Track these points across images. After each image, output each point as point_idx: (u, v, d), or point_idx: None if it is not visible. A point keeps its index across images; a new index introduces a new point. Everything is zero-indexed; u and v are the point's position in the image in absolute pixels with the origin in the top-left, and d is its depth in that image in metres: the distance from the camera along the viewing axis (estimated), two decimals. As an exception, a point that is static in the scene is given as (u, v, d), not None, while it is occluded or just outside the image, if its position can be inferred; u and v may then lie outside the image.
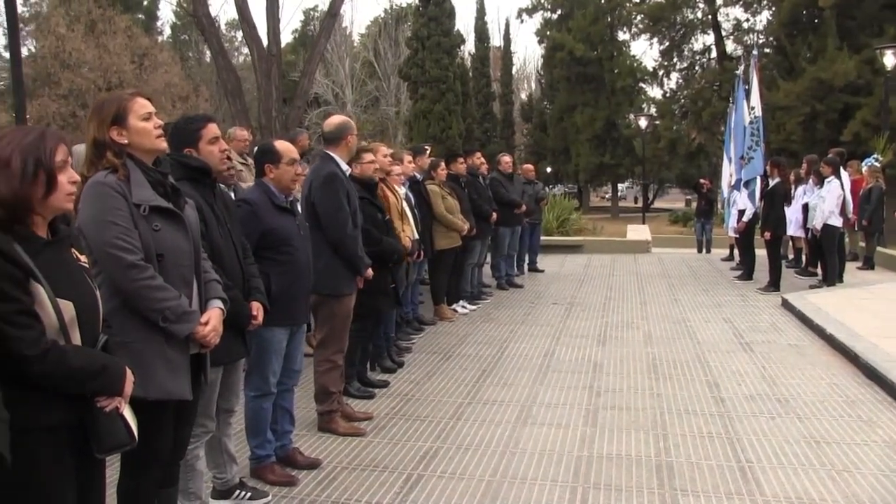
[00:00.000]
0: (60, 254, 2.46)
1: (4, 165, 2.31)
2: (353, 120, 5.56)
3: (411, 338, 7.99)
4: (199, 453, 3.72)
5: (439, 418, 5.61)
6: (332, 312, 5.12)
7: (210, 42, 16.51)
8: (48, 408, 2.35)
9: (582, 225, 21.23)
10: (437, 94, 38.59)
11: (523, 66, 64.30)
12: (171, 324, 2.94)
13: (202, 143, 3.67)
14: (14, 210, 2.31)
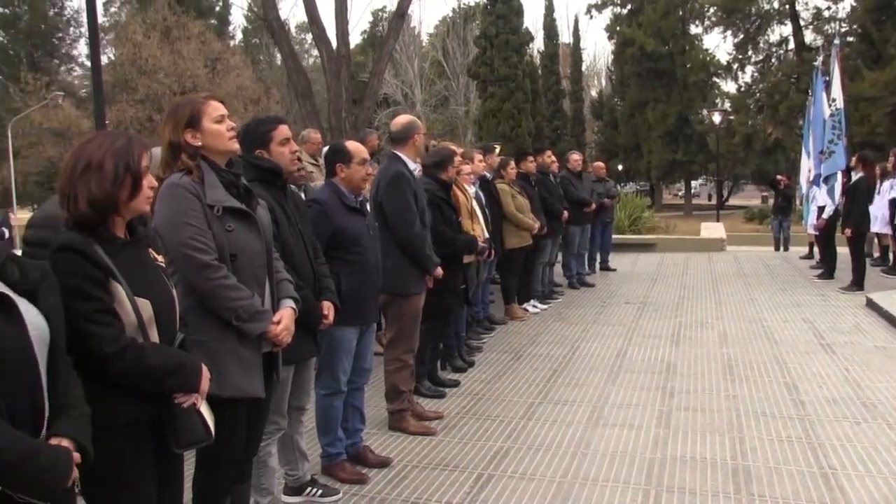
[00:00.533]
0: (139, 254, 2.53)
1: (98, 168, 2.39)
2: (422, 120, 5.58)
3: (482, 337, 7.96)
4: (271, 450, 3.77)
5: (510, 418, 5.58)
6: (401, 312, 5.14)
7: (280, 45, 16.75)
8: (128, 404, 2.41)
9: (654, 223, 20.92)
10: (507, 92, 38.49)
11: (593, 62, 63.77)
12: (243, 323, 2.98)
13: (273, 145, 3.70)
14: (102, 211, 2.40)
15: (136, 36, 34.12)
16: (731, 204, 48.96)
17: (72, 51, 46.21)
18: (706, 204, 52.23)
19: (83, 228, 2.39)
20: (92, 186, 2.38)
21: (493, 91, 38.80)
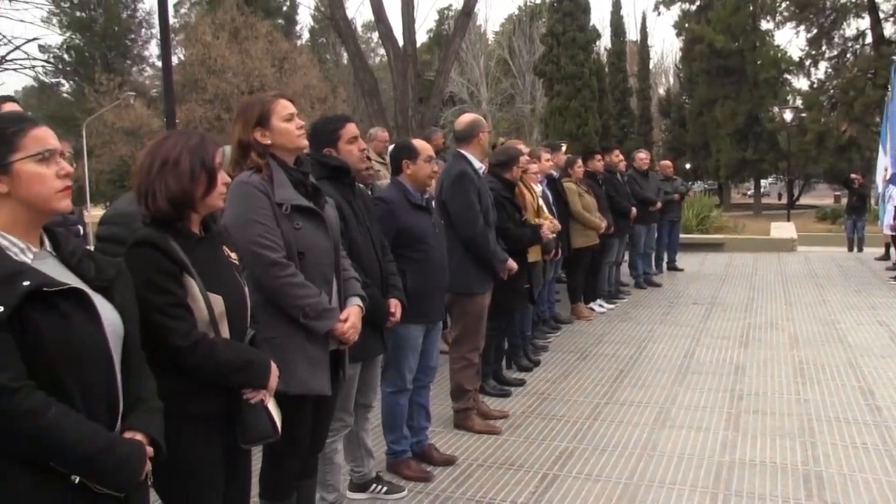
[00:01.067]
0: (213, 250, 2.56)
1: (174, 164, 2.44)
2: (487, 118, 5.56)
3: (548, 336, 7.90)
4: (337, 447, 3.79)
5: (576, 418, 5.52)
6: (465, 311, 5.12)
7: (347, 44, 16.90)
8: (198, 398, 2.44)
9: (722, 223, 20.51)
10: (573, 90, 38.19)
11: (660, 60, 62.77)
12: (311, 320, 3.00)
13: (341, 143, 3.73)
14: (179, 207, 2.44)
15: (205, 36, 34.78)
16: (802, 203, 47.72)
17: (143, 52, 47.44)
18: (776, 203, 50.99)
19: (160, 224, 2.44)
20: (170, 183, 2.42)
21: (560, 89, 38.51)
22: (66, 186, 1.96)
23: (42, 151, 1.91)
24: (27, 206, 1.91)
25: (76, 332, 1.88)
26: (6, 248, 1.88)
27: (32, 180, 1.90)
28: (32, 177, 1.90)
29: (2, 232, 1.90)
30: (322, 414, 3.30)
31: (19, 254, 1.90)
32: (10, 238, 1.90)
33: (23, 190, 1.89)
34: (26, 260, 1.90)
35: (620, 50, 49.83)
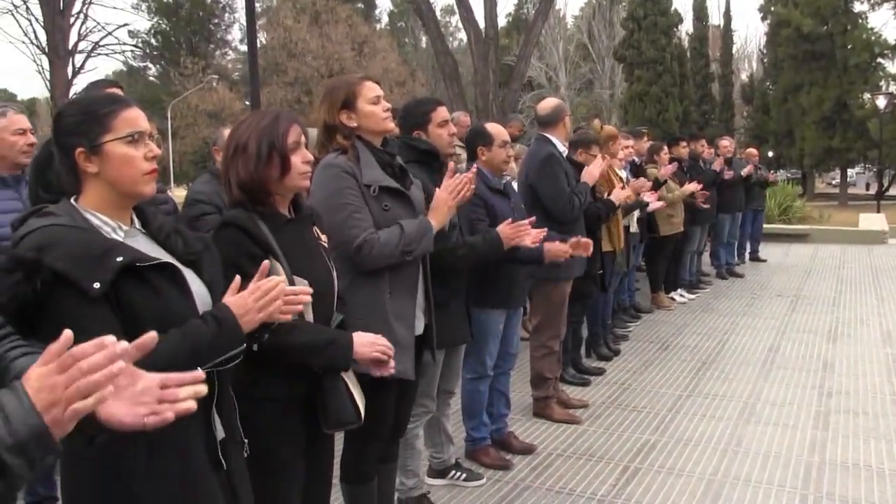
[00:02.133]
0: (301, 232, 2.53)
1: (243, 149, 2.41)
2: (566, 103, 5.45)
3: (628, 325, 7.76)
4: (418, 432, 3.77)
5: (657, 410, 5.40)
6: (548, 297, 5.04)
7: (428, 27, 16.85)
8: (280, 381, 2.43)
9: (806, 213, 19.79)
10: (654, 75, 37.44)
11: (744, 44, 61.05)
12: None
13: (431, 126, 3.68)
14: (252, 192, 2.41)
15: (286, 20, 35.25)
16: (892, 194, 45.84)
17: (226, 36, 48.25)
18: (863, 194, 49.09)
19: (245, 206, 2.42)
20: (240, 169, 2.40)
21: (640, 74, 37.81)
22: (153, 169, 1.94)
23: (132, 133, 1.90)
24: (115, 188, 1.91)
25: (168, 305, 1.88)
26: (98, 226, 1.89)
27: (121, 162, 1.89)
28: (121, 158, 1.89)
29: (93, 211, 1.91)
30: (405, 398, 3.28)
31: (111, 232, 1.91)
32: (102, 217, 1.91)
33: (111, 171, 1.89)
34: (118, 237, 1.90)
35: (703, 34, 48.50)
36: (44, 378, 1.18)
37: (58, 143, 1.91)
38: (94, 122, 1.88)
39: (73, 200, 1.93)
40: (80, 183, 1.92)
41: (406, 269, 3.04)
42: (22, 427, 1.17)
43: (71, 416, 1.19)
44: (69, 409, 1.18)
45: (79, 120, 1.89)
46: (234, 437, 2.10)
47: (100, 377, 1.17)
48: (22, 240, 1.80)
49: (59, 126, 1.92)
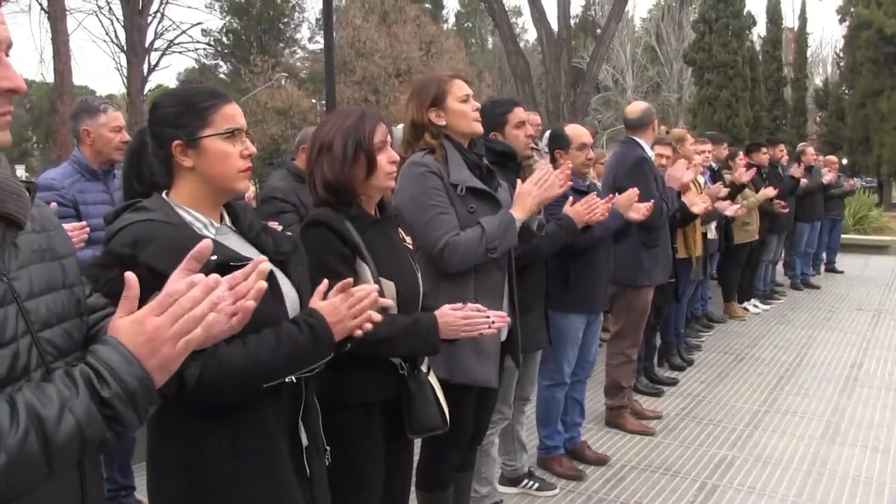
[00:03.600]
0: (386, 233, 2.48)
1: (328, 149, 2.37)
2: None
3: (700, 335, 7.56)
4: (494, 439, 3.71)
5: (734, 424, 5.22)
6: (630, 304, 4.91)
7: (501, 28, 16.76)
8: (364, 385, 2.38)
9: (883, 223, 19.14)
10: (724, 79, 36.61)
11: (819, 48, 59.28)
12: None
13: (508, 127, 3.62)
14: (338, 192, 2.36)
15: (355, 20, 35.47)
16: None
17: (295, 34, 48.83)
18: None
19: (332, 206, 2.38)
20: (325, 169, 2.36)
21: (710, 78, 37.00)
22: (248, 167, 1.92)
23: (231, 129, 1.88)
24: (209, 183, 1.89)
25: (260, 306, 1.83)
26: (191, 222, 1.87)
27: (218, 157, 1.86)
28: (218, 154, 1.86)
29: (186, 207, 1.88)
30: (485, 405, 3.20)
31: (202, 228, 1.88)
32: (194, 213, 1.89)
33: (207, 166, 1.87)
34: (209, 234, 1.87)
35: (776, 37, 47.26)
36: (141, 324, 1.20)
37: (153, 133, 1.89)
38: (194, 115, 1.85)
39: (164, 195, 1.90)
40: (173, 176, 1.90)
41: (491, 272, 2.97)
42: (130, 378, 1.19)
43: (182, 349, 1.22)
44: (181, 342, 1.21)
45: (178, 111, 1.86)
46: (317, 445, 2.07)
47: (204, 307, 1.21)
48: (116, 234, 1.79)
49: (157, 116, 1.89)
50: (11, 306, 1.24)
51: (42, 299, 1.32)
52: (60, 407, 1.14)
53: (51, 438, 1.12)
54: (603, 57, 18.23)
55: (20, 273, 1.29)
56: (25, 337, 1.25)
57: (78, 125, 3.61)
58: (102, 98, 4.06)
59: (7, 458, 1.08)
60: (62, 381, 1.18)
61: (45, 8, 20.31)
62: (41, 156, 41.16)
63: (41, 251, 1.37)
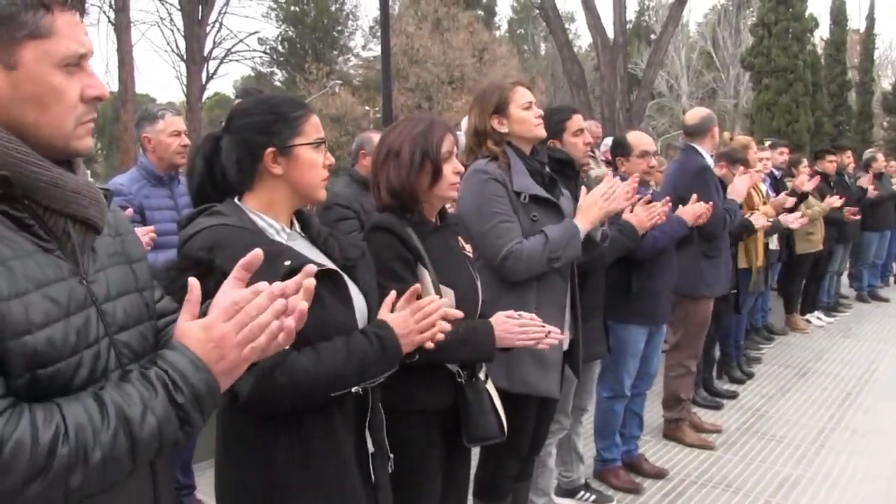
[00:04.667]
0: (447, 240, 2.49)
1: (395, 155, 2.38)
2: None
3: (761, 347, 7.38)
4: (552, 450, 3.67)
5: (798, 441, 5.06)
6: (688, 315, 4.81)
7: (556, 34, 16.68)
8: (422, 393, 2.38)
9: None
10: (784, 84, 35.77)
11: (887, 50, 57.56)
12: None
13: (567, 135, 3.60)
14: (402, 198, 2.37)
15: (408, 27, 35.67)
16: None
17: (349, 42, 49.25)
18: None
19: (395, 212, 2.38)
20: (391, 175, 2.37)
21: (769, 83, 36.21)
22: (328, 176, 1.98)
23: (320, 139, 1.94)
24: (294, 190, 1.93)
25: (329, 312, 1.87)
26: (264, 228, 1.89)
27: (307, 166, 1.91)
28: (308, 162, 1.91)
29: (260, 213, 1.91)
30: (544, 415, 3.17)
31: (274, 234, 1.90)
32: (267, 219, 1.91)
33: (297, 174, 1.90)
34: (281, 240, 1.89)
35: (840, 40, 45.98)
36: (208, 330, 1.24)
37: (242, 139, 1.91)
38: (286, 124, 1.90)
39: (237, 200, 1.93)
40: (251, 181, 1.91)
41: (554, 281, 2.93)
42: (200, 383, 1.24)
43: (247, 356, 1.26)
44: (247, 349, 1.25)
45: (270, 119, 1.90)
46: (382, 451, 2.07)
47: (269, 315, 1.25)
48: (191, 238, 1.81)
49: (247, 124, 1.91)
50: (91, 308, 1.29)
51: (118, 302, 1.36)
52: (143, 408, 1.20)
53: (136, 437, 1.18)
54: (659, 62, 18.03)
55: (98, 276, 1.34)
56: (104, 339, 1.30)
57: (140, 133, 3.71)
58: (162, 105, 4.14)
59: (101, 453, 1.14)
60: (140, 382, 1.23)
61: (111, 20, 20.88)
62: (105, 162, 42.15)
63: (116, 255, 1.42)
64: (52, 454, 1.09)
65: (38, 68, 1.21)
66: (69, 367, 1.21)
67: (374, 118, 34.44)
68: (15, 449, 1.06)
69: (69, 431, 1.12)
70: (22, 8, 1.19)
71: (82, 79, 1.27)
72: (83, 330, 1.25)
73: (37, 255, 1.21)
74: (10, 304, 1.13)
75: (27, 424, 1.09)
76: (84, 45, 1.27)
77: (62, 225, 1.27)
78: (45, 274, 1.21)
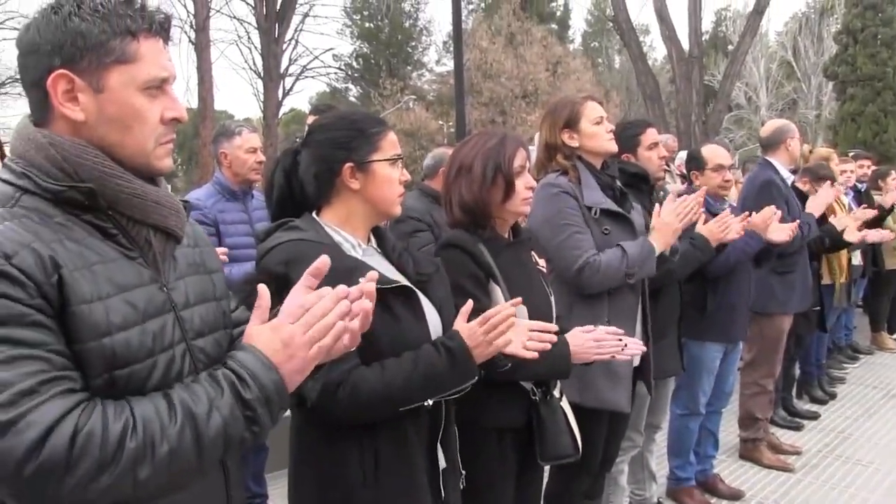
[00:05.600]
0: (520, 256, 2.49)
1: (467, 170, 2.39)
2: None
3: (844, 367, 7.13)
4: (623, 467, 3.61)
5: (886, 468, 4.82)
6: (762, 332, 4.68)
7: (630, 47, 16.53)
8: (496, 410, 2.37)
9: None
10: (871, 93, 34.53)
11: None
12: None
13: (641, 149, 3.59)
14: (474, 213, 2.38)
15: (481, 42, 35.80)
16: None
17: (423, 58, 49.69)
18: None
19: (467, 228, 2.38)
20: (463, 190, 2.38)
21: (854, 92, 35.03)
22: (403, 192, 2.01)
23: (397, 155, 1.98)
24: (370, 206, 1.96)
25: (404, 329, 1.89)
26: (340, 242, 1.93)
27: (384, 181, 1.95)
28: (385, 178, 1.95)
29: (336, 227, 1.94)
30: (615, 431, 3.13)
31: (351, 249, 1.93)
32: (344, 233, 1.95)
33: (373, 189, 1.94)
34: (357, 255, 1.92)
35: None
36: (277, 331, 1.29)
37: (321, 154, 1.95)
38: (365, 140, 1.93)
39: (314, 215, 1.96)
40: (330, 196, 1.95)
41: (625, 295, 2.91)
42: (268, 383, 1.28)
43: (314, 356, 1.30)
44: (314, 349, 1.29)
45: (349, 135, 1.93)
46: (454, 468, 2.08)
47: (333, 317, 1.29)
48: (269, 252, 1.86)
49: (326, 139, 1.95)
50: (169, 315, 1.35)
51: (195, 309, 1.43)
52: (209, 406, 1.24)
53: (202, 434, 1.23)
54: (737, 74, 17.66)
55: (177, 284, 1.41)
56: (181, 344, 1.36)
57: (217, 149, 3.80)
58: (239, 122, 4.24)
59: (168, 448, 1.19)
60: (208, 382, 1.28)
61: (192, 40, 21.56)
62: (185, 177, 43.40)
63: (195, 265, 1.49)
64: (120, 447, 1.14)
65: (123, 91, 1.29)
66: (144, 369, 1.27)
67: (447, 133, 34.61)
68: (87, 440, 1.12)
69: (137, 425, 1.17)
70: (111, 35, 1.27)
71: (163, 101, 1.34)
72: (159, 334, 1.31)
73: (120, 261, 1.29)
74: (92, 306, 1.20)
75: (99, 417, 1.15)
76: (166, 69, 1.34)
77: (144, 234, 1.35)
78: (126, 279, 1.28)
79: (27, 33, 1.29)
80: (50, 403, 1.11)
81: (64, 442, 1.10)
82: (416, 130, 36.43)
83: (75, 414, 1.13)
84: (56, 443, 1.09)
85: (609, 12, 16.37)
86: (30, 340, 1.13)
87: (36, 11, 1.31)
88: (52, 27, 1.26)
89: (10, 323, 1.12)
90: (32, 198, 1.25)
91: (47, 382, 1.13)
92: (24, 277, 1.14)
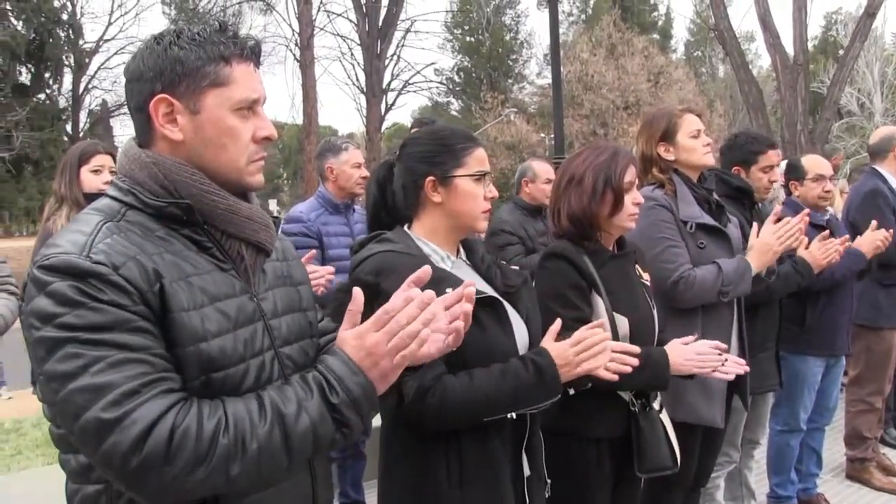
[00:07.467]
0: (624, 268, 2.51)
1: (578, 182, 2.44)
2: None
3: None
4: (719, 483, 3.58)
5: None
6: (869, 346, 4.54)
7: (732, 56, 16.17)
8: (596, 420, 2.40)
9: None
10: None
11: None
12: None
13: (755, 168, 3.61)
14: (581, 225, 2.42)
15: (582, 54, 35.54)
16: None
17: (524, 70, 49.73)
18: None
19: (573, 238, 2.44)
20: (572, 201, 2.42)
21: (979, 97, 33.28)
22: (489, 209, 2.05)
23: (481, 172, 2.03)
24: (453, 219, 2.02)
25: (491, 341, 1.94)
26: (429, 254, 2.00)
27: (467, 196, 2.01)
28: (467, 194, 2.01)
29: (426, 240, 2.02)
30: (710, 445, 3.10)
31: (440, 261, 2.00)
32: (433, 246, 2.02)
33: (456, 204, 2.00)
34: (445, 267, 1.99)
35: None
36: (362, 339, 1.35)
37: (408, 167, 2.04)
38: (450, 155, 2.01)
39: (406, 228, 2.05)
40: (418, 208, 2.03)
41: (720, 309, 2.91)
42: (355, 386, 1.34)
43: (399, 363, 1.35)
44: (397, 356, 1.33)
45: (434, 150, 2.02)
46: (539, 476, 2.11)
47: (418, 324, 1.33)
48: (362, 263, 1.95)
49: (414, 152, 2.05)
50: (259, 323, 1.46)
51: (283, 319, 1.53)
52: (298, 407, 1.32)
53: (290, 433, 1.30)
54: (845, 80, 16.96)
55: (267, 295, 1.51)
56: (270, 351, 1.46)
57: (323, 163, 3.95)
58: (344, 137, 4.40)
59: (258, 445, 1.27)
60: (298, 384, 1.36)
61: (297, 58, 22.25)
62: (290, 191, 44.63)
63: (283, 277, 1.59)
64: (213, 443, 1.23)
65: (218, 112, 1.41)
66: (237, 373, 1.37)
67: (548, 145, 34.47)
68: (183, 436, 1.21)
69: (229, 423, 1.26)
70: (206, 61, 1.39)
71: (254, 121, 1.45)
72: (250, 341, 1.41)
73: (214, 273, 1.40)
74: (189, 314, 1.32)
75: (194, 415, 1.24)
76: (257, 91, 1.45)
77: (237, 248, 1.45)
78: (219, 290, 1.39)
79: (133, 62, 1.42)
80: (151, 402, 1.22)
81: (164, 437, 1.20)
82: (517, 143, 36.40)
83: (174, 412, 1.23)
84: (157, 438, 1.20)
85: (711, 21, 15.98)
86: (134, 344, 1.24)
87: (142, 42, 1.45)
88: (155, 56, 1.38)
89: (117, 328, 1.24)
90: (136, 213, 1.38)
91: (149, 384, 1.23)
92: (130, 286, 1.26)
